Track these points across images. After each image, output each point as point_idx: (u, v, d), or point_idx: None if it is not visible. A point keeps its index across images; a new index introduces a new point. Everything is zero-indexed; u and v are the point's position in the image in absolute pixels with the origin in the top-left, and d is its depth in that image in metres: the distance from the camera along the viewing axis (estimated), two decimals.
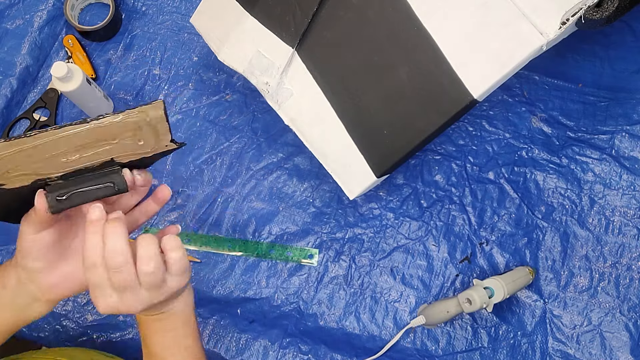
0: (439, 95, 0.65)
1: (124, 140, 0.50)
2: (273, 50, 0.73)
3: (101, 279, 0.45)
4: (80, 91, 0.83)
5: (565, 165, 0.87)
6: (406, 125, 0.68)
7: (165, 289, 0.47)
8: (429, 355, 0.82)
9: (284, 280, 0.86)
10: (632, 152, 0.86)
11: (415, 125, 0.67)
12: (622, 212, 0.85)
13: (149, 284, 0.46)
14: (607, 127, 0.87)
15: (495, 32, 0.63)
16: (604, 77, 0.90)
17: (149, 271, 0.45)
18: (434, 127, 0.66)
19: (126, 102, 0.94)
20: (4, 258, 0.86)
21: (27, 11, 0.96)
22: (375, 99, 0.69)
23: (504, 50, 0.62)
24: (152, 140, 0.51)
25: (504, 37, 0.62)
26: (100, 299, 0.46)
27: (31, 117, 0.92)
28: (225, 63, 0.77)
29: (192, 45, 0.95)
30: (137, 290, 0.46)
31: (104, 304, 0.46)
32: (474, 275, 0.85)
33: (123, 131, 0.49)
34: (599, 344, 0.81)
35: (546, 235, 0.85)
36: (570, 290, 0.83)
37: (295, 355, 0.80)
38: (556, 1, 0.60)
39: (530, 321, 0.82)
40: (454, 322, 0.83)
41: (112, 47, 0.96)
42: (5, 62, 0.93)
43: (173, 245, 0.48)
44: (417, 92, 0.67)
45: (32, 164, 0.47)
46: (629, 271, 0.83)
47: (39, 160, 0.47)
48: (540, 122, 0.89)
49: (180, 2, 0.98)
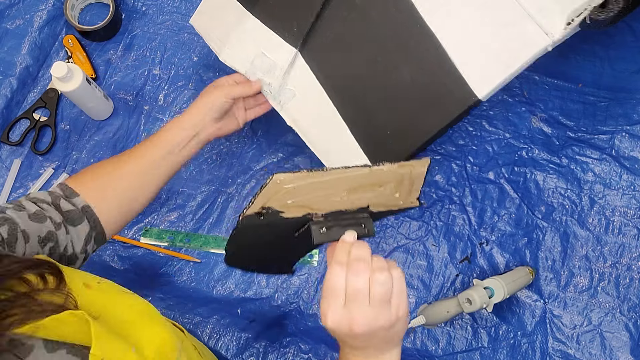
0: (443, 95, 0.65)
1: (385, 190, 0.51)
2: (276, 50, 0.73)
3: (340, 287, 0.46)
4: (80, 91, 0.83)
5: (565, 165, 0.87)
6: (410, 125, 0.67)
7: (390, 310, 0.47)
8: (429, 355, 0.82)
9: (284, 280, 0.86)
10: (632, 152, 0.86)
11: (419, 126, 0.67)
12: (622, 212, 0.85)
13: (379, 295, 0.45)
14: (607, 127, 0.87)
15: (500, 32, 0.62)
16: (604, 77, 0.90)
17: (381, 280, 0.45)
18: (438, 127, 0.66)
19: (126, 102, 0.94)
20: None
21: (27, 11, 0.96)
22: (379, 100, 0.69)
23: (509, 50, 0.62)
24: (404, 194, 0.53)
25: (509, 36, 0.62)
26: (331, 310, 0.46)
27: (31, 117, 0.92)
28: (227, 64, 0.77)
29: (192, 45, 0.95)
30: (365, 305, 0.46)
31: (332, 316, 0.46)
32: (474, 275, 0.85)
33: (390, 180, 0.51)
34: (599, 344, 0.81)
35: (546, 235, 0.85)
36: (570, 290, 0.83)
37: (296, 354, 0.80)
38: (561, 2, 0.60)
39: (530, 321, 0.82)
40: (454, 322, 0.83)
41: (112, 47, 0.96)
42: (5, 62, 0.93)
43: (392, 264, 0.48)
44: (421, 92, 0.66)
45: (310, 197, 0.47)
46: (629, 271, 0.83)
47: (316, 195, 0.48)
48: (540, 122, 0.89)
49: (180, 2, 0.98)
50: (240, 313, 0.83)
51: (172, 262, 0.87)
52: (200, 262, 0.87)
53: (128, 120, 0.93)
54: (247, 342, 0.80)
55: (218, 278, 0.86)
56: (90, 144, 0.92)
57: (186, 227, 0.88)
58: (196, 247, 0.87)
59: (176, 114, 0.93)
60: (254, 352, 0.80)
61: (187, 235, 0.88)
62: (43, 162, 0.92)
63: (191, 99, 0.93)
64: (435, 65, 0.65)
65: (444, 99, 0.65)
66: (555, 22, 0.60)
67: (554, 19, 0.60)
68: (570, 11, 0.60)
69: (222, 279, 0.86)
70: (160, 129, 0.70)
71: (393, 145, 0.69)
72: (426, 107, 0.66)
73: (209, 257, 0.87)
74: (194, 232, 0.88)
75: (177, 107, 0.93)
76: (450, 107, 0.65)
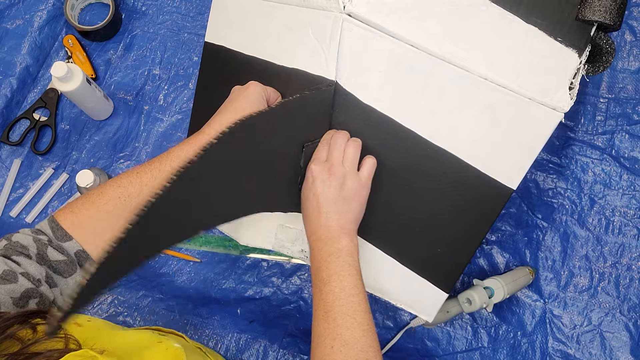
0: (479, 200, 0.64)
1: None
2: (294, 220, 0.69)
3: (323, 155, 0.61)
4: (80, 91, 0.83)
5: (565, 165, 0.87)
6: (459, 238, 0.66)
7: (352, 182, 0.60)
8: (429, 355, 0.82)
9: (284, 280, 0.86)
10: (632, 152, 0.86)
11: (467, 234, 0.66)
12: (622, 212, 0.85)
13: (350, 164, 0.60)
14: (607, 127, 0.87)
15: (510, 127, 0.62)
16: (604, 77, 0.90)
17: (350, 151, 0.60)
18: (485, 229, 0.65)
19: (126, 102, 0.94)
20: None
21: (27, 11, 0.96)
22: (417, 226, 0.66)
23: (526, 138, 0.62)
24: None
25: (520, 126, 0.61)
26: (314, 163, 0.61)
27: (31, 117, 0.92)
28: (250, 246, 0.73)
29: (192, 45, 0.95)
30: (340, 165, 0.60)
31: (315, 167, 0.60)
32: (474, 275, 0.85)
33: None
34: (599, 344, 0.81)
35: (546, 235, 0.85)
36: (570, 290, 0.83)
37: (296, 355, 0.80)
38: (552, 77, 0.60)
39: (530, 321, 0.82)
40: (454, 322, 0.83)
41: (112, 47, 0.96)
42: (5, 62, 0.93)
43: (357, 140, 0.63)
44: (457, 205, 0.65)
45: None
46: (629, 271, 0.83)
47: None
48: None
49: (180, 2, 0.98)
50: (240, 313, 0.83)
51: (172, 262, 0.87)
52: (200, 262, 0.87)
53: (128, 120, 0.93)
54: (247, 342, 0.80)
55: (218, 278, 0.86)
56: (90, 144, 0.92)
57: None
58: (196, 247, 0.87)
59: (176, 114, 0.93)
60: (254, 353, 0.80)
61: None
62: (43, 162, 0.92)
63: (191, 99, 0.93)
64: (461, 176, 0.64)
65: (481, 203, 0.64)
66: (558, 96, 0.60)
67: (556, 94, 0.60)
68: (566, 80, 0.60)
69: (222, 279, 0.86)
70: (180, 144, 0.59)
71: (448, 260, 0.67)
72: (468, 214, 0.65)
73: (209, 257, 0.87)
74: None
75: (177, 107, 0.93)
76: (489, 208, 0.64)
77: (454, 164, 0.63)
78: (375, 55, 0.61)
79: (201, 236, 0.87)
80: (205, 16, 0.96)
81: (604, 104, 0.88)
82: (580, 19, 0.60)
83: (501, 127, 0.62)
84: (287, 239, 0.70)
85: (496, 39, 0.60)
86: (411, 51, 0.61)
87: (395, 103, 0.63)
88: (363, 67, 0.62)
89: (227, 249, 0.86)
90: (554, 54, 0.61)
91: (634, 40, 0.90)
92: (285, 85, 0.65)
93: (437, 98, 0.62)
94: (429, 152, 0.63)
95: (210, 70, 0.77)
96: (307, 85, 0.62)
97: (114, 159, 0.91)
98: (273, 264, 0.86)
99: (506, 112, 0.61)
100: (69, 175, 0.91)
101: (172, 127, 0.92)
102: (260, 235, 0.71)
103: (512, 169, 0.63)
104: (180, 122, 0.92)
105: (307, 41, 0.63)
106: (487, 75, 0.60)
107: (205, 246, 0.87)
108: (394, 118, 0.63)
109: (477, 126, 0.62)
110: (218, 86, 0.75)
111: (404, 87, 0.62)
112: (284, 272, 0.86)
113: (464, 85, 0.61)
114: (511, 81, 0.60)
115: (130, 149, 0.92)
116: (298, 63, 0.64)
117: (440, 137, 0.63)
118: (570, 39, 0.61)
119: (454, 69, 0.61)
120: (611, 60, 0.62)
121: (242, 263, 0.86)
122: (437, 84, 0.61)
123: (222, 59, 0.74)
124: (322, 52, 0.62)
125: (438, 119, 0.62)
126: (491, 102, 0.61)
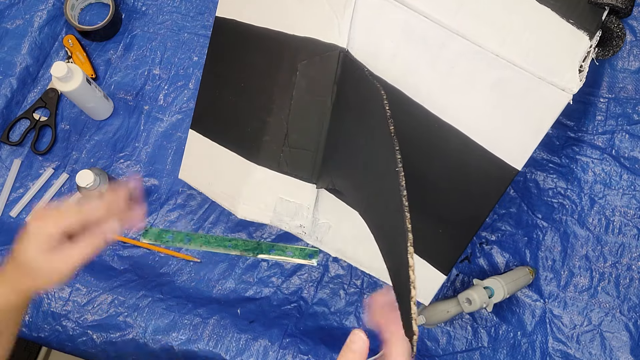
0: (483, 180, 0.64)
1: None
2: (295, 192, 0.68)
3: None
4: (80, 91, 0.83)
5: (565, 165, 0.87)
6: (460, 218, 0.66)
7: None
8: (429, 355, 0.82)
9: (284, 280, 0.86)
10: (632, 152, 0.86)
11: (470, 215, 0.65)
12: (622, 212, 0.85)
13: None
14: (607, 127, 0.87)
15: (519, 103, 0.61)
16: (604, 77, 0.90)
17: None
18: (488, 208, 0.65)
19: (126, 102, 0.94)
20: (3, 258, 0.86)
21: (27, 11, 0.96)
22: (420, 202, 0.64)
23: (533, 117, 0.61)
24: None
25: (530, 104, 0.61)
26: None
27: (31, 117, 0.92)
28: (248, 219, 0.71)
29: (192, 45, 0.95)
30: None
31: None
32: (474, 275, 0.85)
33: None
34: (599, 344, 0.81)
35: (546, 235, 0.85)
36: (570, 290, 0.83)
37: (295, 355, 0.80)
38: (564, 56, 0.60)
39: (530, 321, 0.82)
40: (454, 322, 0.83)
41: (112, 47, 0.96)
42: (5, 62, 0.93)
43: None
44: (461, 183, 0.64)
45: None
46: (629, 271, 0.83)
47: None
48: None
49: (180, 2, 0.98)
50: (240, 313, 0.83)
51: (172, 262, 0.87)
52: (200, 262, 0.87)
53: (128, 120, 0.93)
54: (246, 342, 0.80)
55: (218, 278, 0.86)
56: (90, 144, 0.92)
57: (186, 227, 0.88)
58: (196, 247, 0.87)
59: (176, 114, 0.93)
60: (254, 353, 0.80)
61: (187, 235, 0.88)
62: (43, 162, 0.92)
63: (191, 99, 0.93)
64: (466, 154, 0.63)
65: (486, 182, 0.64)
66: (567, 77, 0.60)
67: (565, 75, 0.60)
68: (576, 62, 0.60)
69: (222, 279, 0.86)
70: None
71: (449, 241, 0.67)
72: (470, 197, 0.65)
73: (209, 257, 0.87)
74: (194, 232, 0.88)
75: (177, 107, 0.93)
76: (494, 188, 0.64)
77: (460, 140, 0.63)
78: (389, 24, 0.61)
79: (201, 236, 0.87)
80: (205, 16, 0.96)
81: (604, 104, 0.88)
82: (592, 2, 0.60)
83: (509, 105, 0.61)
84: (286, 213, 0.69)
85: (508, 16, 0.60)
86: (425, 22, 0.60)
87: (406, 75, 0.62)
88: (376, 36, 0.61)
89: (227, 249, 0.87)
90: (565, 35, 0.61)
91: (634, 40, 0.90)
92: (295, 55, 0.64)
93: (447, 72, 0.61)
94: (436, 127, 0.63)
95: (219, 45, 0.76)
96: (317, 53, 0.62)
97: (114, 159, 0.91)
98: (273, 264, 0.86)
99: (515, 90, 0.61)
100: (69, 175, 0.91)
101: (172, 127, 0.92)
102: (259, 209, 0.70)
103: (517, 149, 0.62)
104: (181, 122, 0.92)
105: (321, 9, 0.62)
106: (498, 52, 0.60)
107: (205, 246, 0.87)
108: (403, 91, 0.62)
109: (485, 103, 0.62)
110: (227, 60, 0.75)
111: (415, 59, 0.62)
112: (284, 272, 0.86)
113: (475, 60, 0.61)
114: (521, 59, 0.60)
115: (130, 149, 0.92)
116: (310, 31, 0.63)
117: (448, 112, 0.62)
118: (582, 21, 0.61)
119: (466, 43, 0.60)
120: (621, 44, 0.62)
121: (242, 263, 0.86)
122: (449, 57, 0.61)
123: (232, 33, 0.73)
124: (335, 18, 0.61)
125: (447, 94, 0.62)
126: (501, 79, 0.61)
